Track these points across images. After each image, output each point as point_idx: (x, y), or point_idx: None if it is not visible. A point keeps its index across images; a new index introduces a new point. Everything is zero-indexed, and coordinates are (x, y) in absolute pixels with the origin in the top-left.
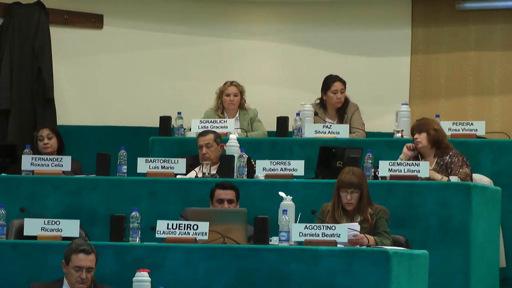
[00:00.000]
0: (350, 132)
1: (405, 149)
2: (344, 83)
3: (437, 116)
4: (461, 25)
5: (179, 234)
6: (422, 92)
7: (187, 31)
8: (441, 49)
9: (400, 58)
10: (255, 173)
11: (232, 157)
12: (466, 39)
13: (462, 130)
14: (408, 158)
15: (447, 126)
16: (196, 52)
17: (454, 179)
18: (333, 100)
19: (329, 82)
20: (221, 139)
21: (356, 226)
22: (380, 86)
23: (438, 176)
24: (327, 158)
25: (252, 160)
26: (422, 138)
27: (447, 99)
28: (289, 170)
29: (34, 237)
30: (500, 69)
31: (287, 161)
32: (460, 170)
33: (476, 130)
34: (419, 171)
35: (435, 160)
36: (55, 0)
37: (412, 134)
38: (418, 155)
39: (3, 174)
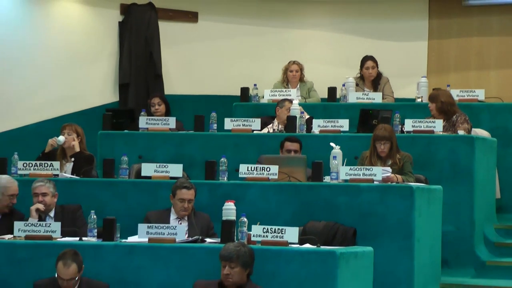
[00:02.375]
0: (382, 98)
1: None
2: (374, 61)
3: (448, 85)
4: (466, 17)
5: (256, 175)
6: (437, 67)
7: (261, 23)
8: (451, 35)
9: (420, 43)
10: (312, 128)
11: (295, 117)
12: (470, 28)
13: (467, 96)
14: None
15: (455, 93)
16: (267, 39)
17: (461, 132)
18: (366, 74)
19: (363, 61)
20: None
21: (388, 169)
22: (405, 63)
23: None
24: (366, 117)
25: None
26: (433, 107)
27: (456, 72)
28: (337, 126)
29: (149, 177)
30: (496, 51)
31: (336, 120)
32: (460, 125)
33: (478, 96)
34: (435, 127)
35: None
36: (162, 1)
37: (430, 101)
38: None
39: (125, 130)
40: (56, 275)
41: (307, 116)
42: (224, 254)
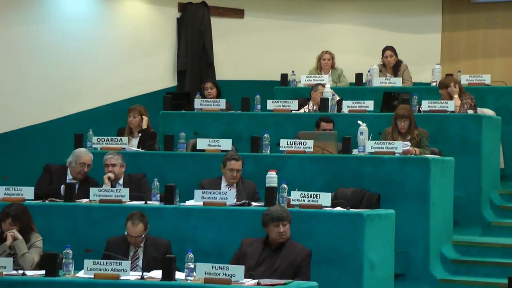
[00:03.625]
0: (402, 83)
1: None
2: (393, 50)
3: (459, 71)
4: (475, 13)
5: (294, 148)
6: (449, 56)
7: (298, 19)
8: (461, 28)
9: (434, 35)
10: (342, 109)
11: (327, 99)
12: (478, 22)
13: (475, 80)
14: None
15: (465, 78)
16: (303, 32)
17: (470, 112)
18: (385, 62)
19: (383, 51)
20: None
21: (407, 143)
22: (422, 52)
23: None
24: (388, 99)
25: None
26: (442, 92)
27: (466, 60)
28: (364, 107)
29: (203, 150)
30: (500, 41)
31: (362, 101)
32: (464, 100)
33: (484, 80)
34: (447, 107)
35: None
36: (214, 0)
37: (440, 87)
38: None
39: (183, 111)
40: (125, 233)
41: (338, 98)
42: (277, 216)
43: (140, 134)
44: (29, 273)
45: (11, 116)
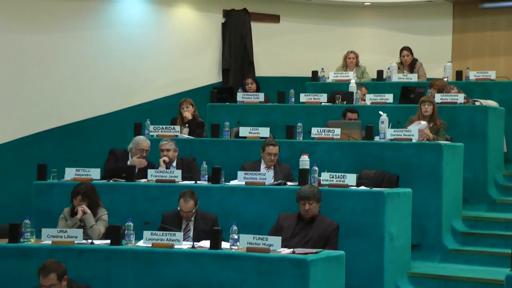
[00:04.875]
0: (417, 78)
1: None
2: (409, 50)
3: (467, 68)
4: (482, 17)
5: (324, 135)
6: (459, 55)
7: (326, 23)
8: (470, 31)
9: (446, 36)
10: (365, 101)
11: (353, 92)
12: (484, 25)
13: (482, 76)
14: None
15: (473, 74)
16: (331, 35)
17: (478, 103)
18: (403, 60)
19: (400, 50)
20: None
21: (425, 123)
22: (435, 52)
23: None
24: (405, 92)
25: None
26: (431, 90)
27: (474, 59)
28: (384, 99)
29: (244, 137)
30: (504, 42)
31: (383, 94)
32: (458, 94)
33: (490, 76)
34: (457, 99)
35: None
36: (253, 7)
37: (429, 86)
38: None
39: (227, 103)
40: (178, 208)
41: (359, 92)
42: (303, 195)
43: (187, 125)
44: (96, 242)
45: (81, 108)
